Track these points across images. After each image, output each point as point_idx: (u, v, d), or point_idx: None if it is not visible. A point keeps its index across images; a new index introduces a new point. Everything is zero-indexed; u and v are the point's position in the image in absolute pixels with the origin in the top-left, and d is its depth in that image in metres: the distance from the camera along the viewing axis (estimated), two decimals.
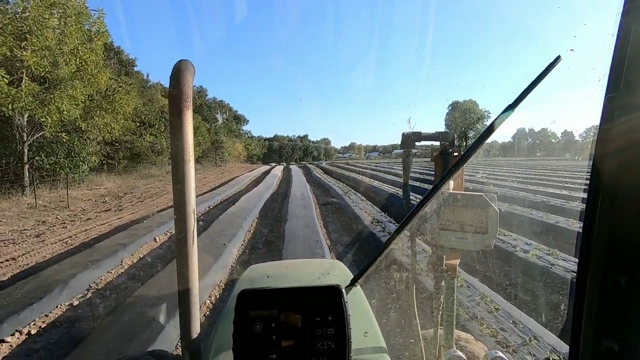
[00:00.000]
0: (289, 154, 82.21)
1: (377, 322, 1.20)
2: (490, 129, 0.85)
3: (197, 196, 0.86)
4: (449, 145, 1.29)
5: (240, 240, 7.28)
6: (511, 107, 0.81)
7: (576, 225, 6.98)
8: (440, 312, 1.28)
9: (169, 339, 3.58)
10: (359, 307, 1.24)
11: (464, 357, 1.12)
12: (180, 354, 0.91)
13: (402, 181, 1.47)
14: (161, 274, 5.31)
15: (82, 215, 10.78)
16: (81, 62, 15.10)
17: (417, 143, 1.34)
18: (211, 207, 12.18)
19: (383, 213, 9.18)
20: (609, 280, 0.58)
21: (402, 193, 1.43)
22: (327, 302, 0.68)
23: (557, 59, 0.76)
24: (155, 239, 7.41)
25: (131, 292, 4.74)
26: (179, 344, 3.57)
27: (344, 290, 0.70)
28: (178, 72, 0.81)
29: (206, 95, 51.77)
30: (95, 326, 3.87)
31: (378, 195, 13.30)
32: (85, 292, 4.83)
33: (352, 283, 0.95)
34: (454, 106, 65.19)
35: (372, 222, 8.08)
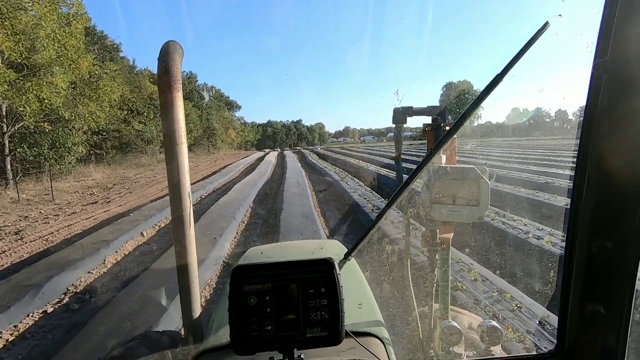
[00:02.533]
0: (283, 139, 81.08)
1: (374, 295, 1.23)
2: (479, 100, 0.82)
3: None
4: (440, 119, 1.28)
5: (233, 233, 6.86)
6: (500, 76, 0.78)
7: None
8: (435, 285, 1.28)
9: None
10: (355, 281, 1.27)
11: (458, 327, 1.12)
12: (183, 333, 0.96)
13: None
14: (147, 272, 4.89)
15: (67, 209, 10.26)
16: (60, 47, 14.23)
17: (408, 117, 1.34)
18: (203, 196, 11.71)
19: (383, 199, 8.79)
20: (595, 245, 0.61)
21: (395, 167, 1.45)
22: (320, 274, 0.69)
23: (545, 25, 0.74)
24: (142, 233, 6.96)
25: (113, 296, 4.32)
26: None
27: (336, 263, 0.70)
28: (166, 54, 0.81)
29: (196, 81, 50.37)
30: (69, 338, 3.45)
31: (376, 179, 12.91)
32: (62, 296, 4.40)
33: (346, 257, 0.93)
34: (449, 87, 64.29)
35: (372, 210, 7.69)
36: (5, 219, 9.23)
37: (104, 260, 5.48)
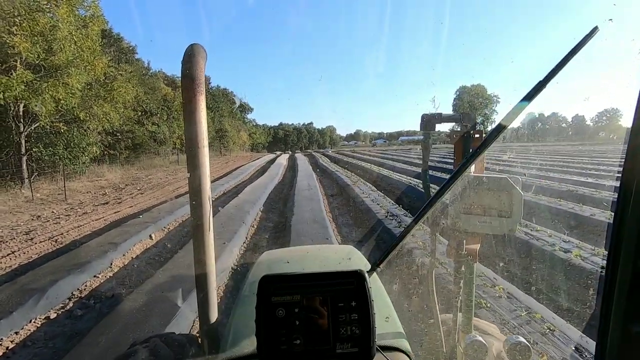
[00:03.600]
0: (294, 142, 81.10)
1: (393, 306, 1.21)
2: (520, 107, 0.78)
3: None
4: (470, 127, 1.21)
5: (243, 238, 6.69)
6: (543, 82, 0.74)
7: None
8: (460, 297, 1.24)
9: None
10: (377, 293, 1.24)
11: (484, 341, 1.07)
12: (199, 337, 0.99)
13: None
14: (153, 278, 4.74)
15: (78, 209, 10.28)
16: (76, 49, 14.39)
17: (437, 125, 1.27)
18: (213, 199, 11.61)
19: (397, 205, 8.52)
20: None
21: (421, 178, 1.33)
22: (351, 287, 0.66)
23: (594, 29, 0.69)
24: (151, 236, 6.86)
25: (118, 302, 4.18)
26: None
27: (367, 275, 0.68)
28: (190, 57, 0.81)
29: (209, 83, 50.80)
30: (71, 346, 3.31)
31: (389, 184, 12.63)
32: (67, 301, 4.28)
33: (374, 268, 0.87)
34: (462, 91, 63.34)
35: (386, 216, 7.43)
36: (18, 217, 9.28)
37: (111, 264, 5.36)
